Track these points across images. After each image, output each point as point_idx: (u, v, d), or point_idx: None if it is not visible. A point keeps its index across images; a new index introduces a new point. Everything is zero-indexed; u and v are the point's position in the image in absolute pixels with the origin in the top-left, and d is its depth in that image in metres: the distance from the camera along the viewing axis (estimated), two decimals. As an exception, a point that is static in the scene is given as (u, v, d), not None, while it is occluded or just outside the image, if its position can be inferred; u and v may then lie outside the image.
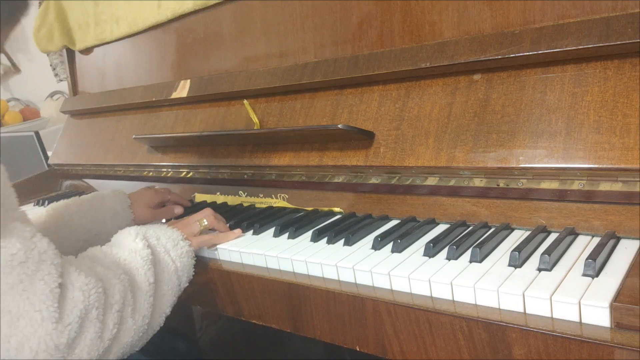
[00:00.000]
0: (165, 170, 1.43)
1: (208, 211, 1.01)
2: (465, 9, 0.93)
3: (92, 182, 1.71)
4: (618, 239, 0.76)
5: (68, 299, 0.65)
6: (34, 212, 1.04)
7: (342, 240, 0.90)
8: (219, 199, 1.29)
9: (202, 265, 0.96)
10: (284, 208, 1.14)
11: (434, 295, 0.72)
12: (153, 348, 0.97)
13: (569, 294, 0.62)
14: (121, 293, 0.73)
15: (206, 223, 0.99)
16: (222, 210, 1.20)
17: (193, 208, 1.24)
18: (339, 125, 0.98)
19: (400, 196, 0.98)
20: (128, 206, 1.11)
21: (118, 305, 0.72)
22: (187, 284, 0.89)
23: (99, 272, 0.73)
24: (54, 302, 0.63)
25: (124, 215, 1.10)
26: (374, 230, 0.93)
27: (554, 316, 0.63)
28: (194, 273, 0.90)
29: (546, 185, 0.82)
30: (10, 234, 0.62)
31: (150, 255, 0.82)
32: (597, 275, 0.66)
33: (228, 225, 1.05)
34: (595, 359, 0.57)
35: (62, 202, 1.07)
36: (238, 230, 1.01)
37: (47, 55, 2.76)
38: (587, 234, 0.79)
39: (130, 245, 0.83)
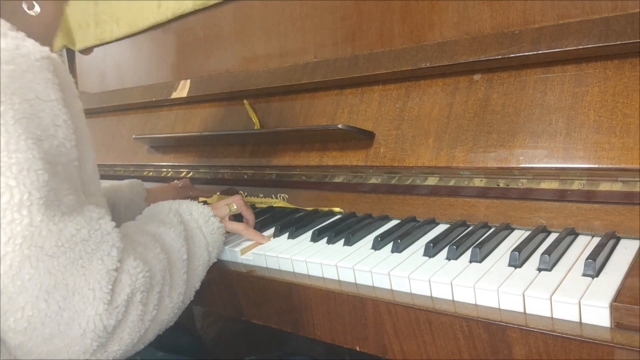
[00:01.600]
0: (165, 170, 1.43)
1: (238, 197, 1.02)
2: (465, 9, 0.93)
3: (92, 182, 1.71)
4: (618, 239, 0.76)
5: (118, 282, 0.67)
6: None
7: (342, 240, 0.90)
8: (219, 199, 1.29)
9: (202, 265, 0.96)
10: (284, 208, 1.14)
11: (434, 295, 0.72)
12: (158, 343, 0.97)
13: (569, 294, 0.62)
14: (161, 273, 0.74)
15: (235, 207, 0.99)
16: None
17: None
18: (339, 125, 0.98)
19: (400, 196, 0.98)
20: (143, 198, 1.12)
21: (159, 286, 0.73)
22: (215, 260, 0.90)
23: (141, 253, 0.74)
24: (109, 284, 0.64)
25: (138, 205, 1.11)
26: (374, 230, 0.94)
27: (554, 316, 0.63)
28: (222, 248, 0.92)
29: (546, 185, 0.82)
30: (80, 214, 0.65)
31: (184, 231, 0.83)
32: (597, 275, 0.66)
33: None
34: (595, 359, 0.57)
35: None
36: (269, 237, 0.99)
37: (47, 55, 2.76)
38: (587, 234, 0.79)
39: (164, 219, 0.84)
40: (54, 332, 0.61)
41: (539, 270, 0.70)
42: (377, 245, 0.85)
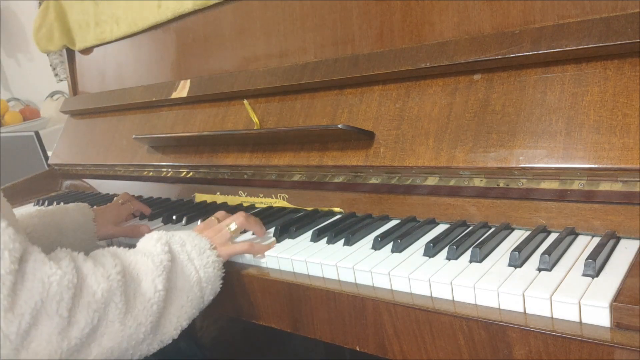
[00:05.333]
0: (165, 170, 1.43)
1: (239, 214, 0.93)
2: (465, 9, 0.93)
3: (92, 182, 1.71)
4: (618, 239, 0.76)
5: (26, 290, 0.62)
6: None
7: (342, 240, 0.90)
8: (219, 199, 1.29)
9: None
10: (284, 208, 1.14)
11: (434, 295, 0.72)
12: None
13: (569, 294, 0.62)
14: (105, 293, 0.68)
15: (234, 228, 0.91)
16: (222, 210, 1.20)
17: (193, 208, 1.24)
18: (339, 125, 0.98)
19: (400, 196, 0.98)
20: (91, 219, 1.08)
21: (96, 305, 0.68)
22: (212, 297, 0.84)
23: (86, 266, 0.69)
24: (5, 289, 0.60)
25: (87, 227, 1.07)
26: (374, 230, 0.93)
27: (554, 316, 0.63)
28: (221, 286, 0.85)
29: (546, 185, 0.82)
30: None
31: (167, 261, 0.77)
32: (597, 275, 0.66)
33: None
34: (595, 359, 0.57)
35: (25, 213, 1.04)
36: (272, 241, 0.95)
37: (47, 55, 2.76)
38: (587, 234, 0.79)
39: (147, 249, 0.78)
40: None
41: (539, 270, 0.70)
42: (377, 245, 0.85)
